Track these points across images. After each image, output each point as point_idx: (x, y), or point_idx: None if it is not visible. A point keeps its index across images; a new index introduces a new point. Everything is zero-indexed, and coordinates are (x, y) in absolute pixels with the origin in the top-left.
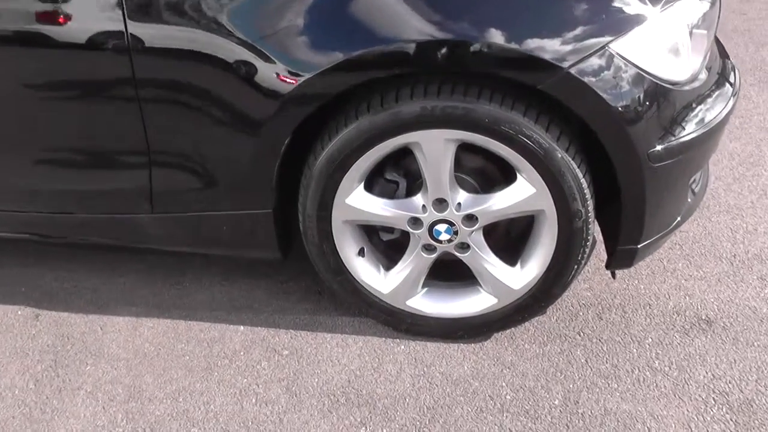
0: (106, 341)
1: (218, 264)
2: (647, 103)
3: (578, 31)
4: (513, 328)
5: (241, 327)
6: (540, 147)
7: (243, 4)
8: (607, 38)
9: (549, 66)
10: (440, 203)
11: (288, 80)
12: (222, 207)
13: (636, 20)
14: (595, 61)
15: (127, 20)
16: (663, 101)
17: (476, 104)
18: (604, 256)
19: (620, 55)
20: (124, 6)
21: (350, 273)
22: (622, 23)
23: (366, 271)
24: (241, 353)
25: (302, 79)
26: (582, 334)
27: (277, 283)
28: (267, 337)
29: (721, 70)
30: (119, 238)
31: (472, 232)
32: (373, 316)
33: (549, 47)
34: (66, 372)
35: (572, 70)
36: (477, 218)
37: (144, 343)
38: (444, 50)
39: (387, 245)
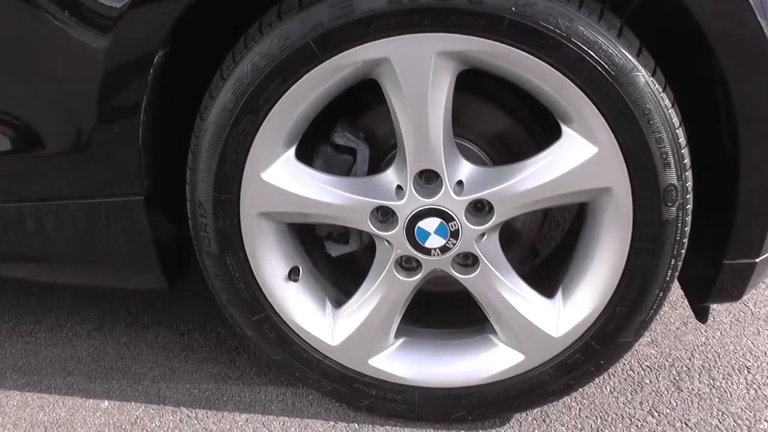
0: None
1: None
2: None
3: None
4: (546, 405)
5: (105, 402)
6: (612, 64)
7: None
8: None
9: None
10: (428, 181)
11: None
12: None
13: None
14: None
15: None
16: None
17: None
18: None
19: None
20: None
21: (274, 309)
22: None
23: (301, 307)
24: None
25: None
26: (655, 413)
27: (174, 334)
28: (139, 419)
29: None
30: None
31: (483, 233)
32: (314, 384)
33: None
34: None
35: None
36: (492, 208)
37: None
38: None
39: (336, 264)
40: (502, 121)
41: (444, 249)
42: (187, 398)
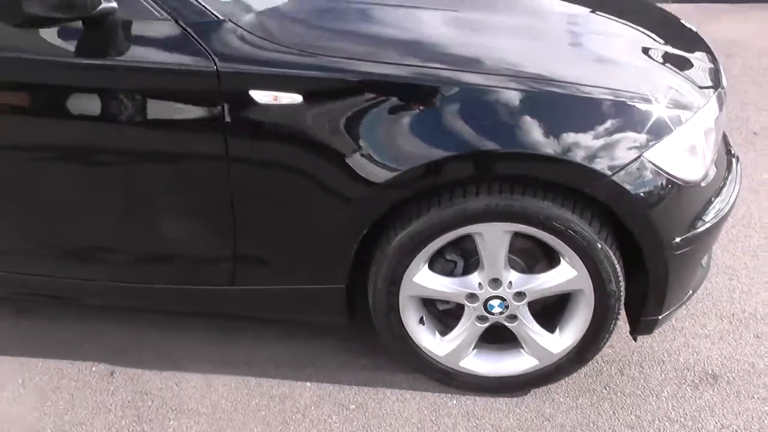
0: (183, 397)
1: (277, 321)
2: (672, 202)
3: (621, 143)
4: (549, 384)
5: (308, 383)
6: (584, 238)
7: (353, 114)
8: (643, 149)
9: (596, 174)
10: (495, 282)
11: (382, 172)
12: (300, 281)
13: (666, 130)
14: (633, 169)
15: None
16: (684, 199)
17: (532, 202)
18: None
19: (652, 162)
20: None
21: (411, 339)
22: (654, 134)
23: (425, 337)
24: (312, 408)
25: (396, 173)
26: (608, 388)
27: (337, 340)
28: (333, 392)
29: (726, 162)
30: (196, 306)
31: (520, 306)
32: (429, 374)
33: (597, 158)
34: (151, 427)
35: (615, 177)
36: (525, 294)
37: (220, 399)
38: (511, 159)
39: (442, 313)
40: (531, 252)
41: (501, 313)
42: (354, 380)
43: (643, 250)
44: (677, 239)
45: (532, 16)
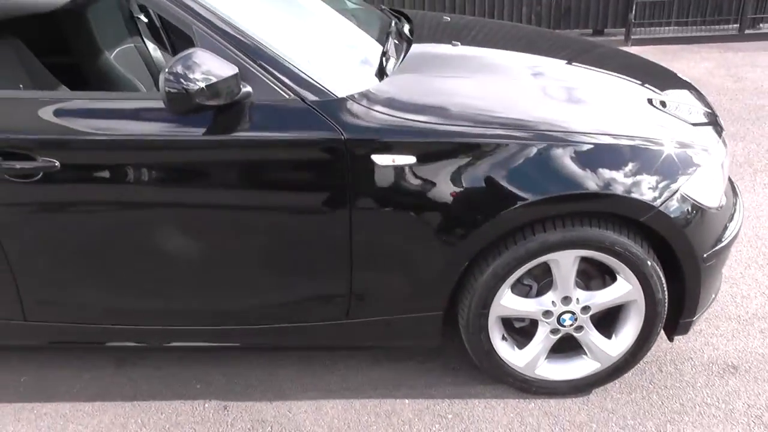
0: (299, 421)
1: (363, 350)
2: (701, 225)
3: (664, 180)
4: (607, 384)
5: (406, 400)
6: (638, 258)
7: (457, 169)
8: (681, 183)
9: (648, 206)
10: (566, 299)
11: (481, 216)
12: (407, 311)
13: (695, 168)
14: (674, 200)
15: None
16: (709, 222)
17: (598, 231)
18: None
19: (686, 194)
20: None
21: (497, 353)
22: (687, 171)
23: (507, 351)
24: (416, 420)
25: (493, 217)
26: (652, 383)
27: (417, 363)
28: (430, 406)
29: (732, 189)
30: (312, 340)
31: (586, 318)
32: (510, 383)
33: (648, 194)
34: None
35: (661, 208)
36: (590, 308)
37: (333, 420)
38: (586, 199)
39: (517, 330)
40: (595, 273)
41: (570, 325)
42: (443, 394)
43: (682, 264)
44: (706, 254)
45: (572, 79)
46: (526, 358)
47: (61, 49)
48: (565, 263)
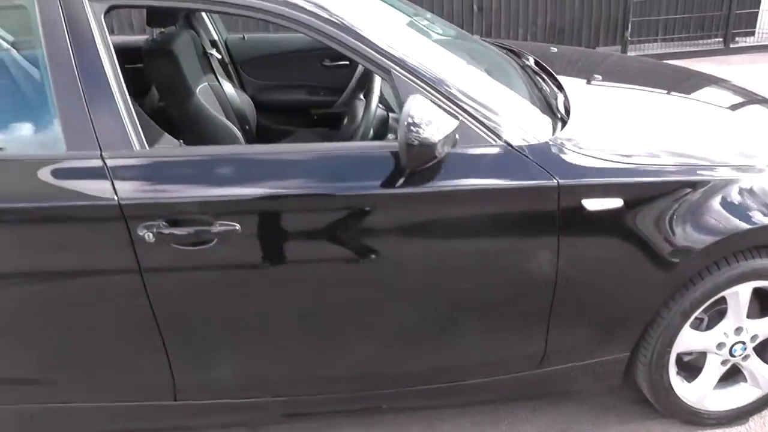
0: None
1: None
2: None
3: None
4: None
5: None
6: None
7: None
8: None
9: None
10: (738, 330)
11: (684, 259)
12: (599, 355)
13: None
14: None
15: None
16: None
17: None
18: None
19: None
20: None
21: (673, 390)
22: None
23: (680, 386)
24: None
25: (690, 255)
26: None
27: (576, 405)
28: None
29: None
30: (502, 393)
31: (754, 346)
32: (681, 417)
33: None
34: None
35: None
36: (758, 336)
37: None
38: None
39: (682, 364)
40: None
41: (740, 355)
42: (621, 430)
43: None
44: None
45: (712, 110)
46: (698, 391)
47: (141, 90)
48: (741, 295)
